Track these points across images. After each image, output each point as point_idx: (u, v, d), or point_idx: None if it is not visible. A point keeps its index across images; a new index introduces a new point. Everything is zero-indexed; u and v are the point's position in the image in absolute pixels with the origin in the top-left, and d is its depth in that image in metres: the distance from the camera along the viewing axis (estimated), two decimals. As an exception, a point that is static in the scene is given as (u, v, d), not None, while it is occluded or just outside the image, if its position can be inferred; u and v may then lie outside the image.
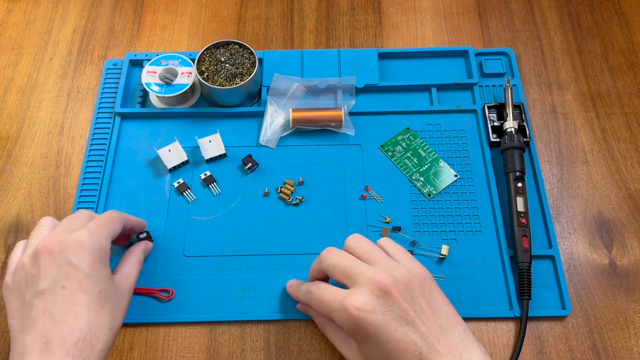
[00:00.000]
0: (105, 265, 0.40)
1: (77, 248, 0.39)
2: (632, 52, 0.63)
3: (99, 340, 0.37)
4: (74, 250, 0.39)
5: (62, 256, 0.38)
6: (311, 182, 0.54)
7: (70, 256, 0.38)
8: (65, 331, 0.36)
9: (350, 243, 0.42)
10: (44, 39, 0.65)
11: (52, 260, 0.38)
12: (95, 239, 0.40)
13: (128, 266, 0.44)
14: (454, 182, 0.54)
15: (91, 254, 0.39)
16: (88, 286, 0.38)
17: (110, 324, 0.39)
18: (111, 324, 0.39)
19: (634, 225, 0.52)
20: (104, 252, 0.40)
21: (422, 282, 0.40)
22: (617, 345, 0.47)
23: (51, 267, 0.38)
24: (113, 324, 0.39)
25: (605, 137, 0.57)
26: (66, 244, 0.39)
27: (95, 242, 0.40)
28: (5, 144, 0.58)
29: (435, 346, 0.37)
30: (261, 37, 0.65)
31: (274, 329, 0.48)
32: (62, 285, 0.38)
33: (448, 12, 0.66)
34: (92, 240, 0.40)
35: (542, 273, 0.50)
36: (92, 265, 0.39)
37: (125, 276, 0.43)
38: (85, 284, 0.38)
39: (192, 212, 0.53)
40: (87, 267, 0.38)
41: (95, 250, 0.39)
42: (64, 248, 0.39)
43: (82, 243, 0.39)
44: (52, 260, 0.38)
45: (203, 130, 0.57)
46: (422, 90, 0.60)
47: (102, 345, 0.38)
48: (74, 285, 0.38)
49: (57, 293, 0.37)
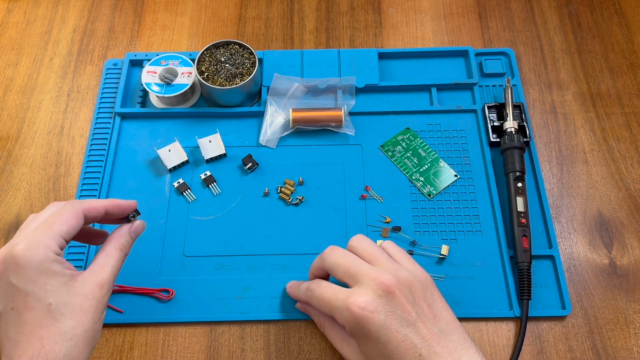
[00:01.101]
0: (51, 275, 0.37)
1: (14, 266, 0.36)
2: (632, 52, 0.63)
3: (56, 354, 0.35)
4: (12, 269, 0.36)
5: (4, 276, 0.36)
6: (311, 182, 0.54)
7: (10, 276, 0.36)
8: (20, 352, 0.35)
9: (353, 243, 0.42)
10: (44, 39, 0.65)
11: (1, 281, 0.36)
12: (31, 251, 0.36)
13: (103, 257, 0.40)
14: (454, 182, 0.54)
15: (28, 270, 0.36)
16: (33, 304, 0.36)
17: (69, 334, 0.36)
18: (71, 333, 0.36)
19: (634, 225, 0.52)
20: (47, 262, 0.36)
21: (423, 286, 0.40)
22: (617, 345, 0.47)
23: (1, 288, 0.36)
24: (75, 332, 0.36)
25: (605, 137, 0.57)
26: (6, 263, 0.36)
27: (30, 255, 0.36)
28: (5, 144, 0.58)
29: (435, 348, 0.37)
30: (261, 37, 0.65)
31: (274, 329, 0.48)
32: (11, 306, 0.36)
33: (448, 12, 0.66)
34: (28, 253, 0.36)
35: (542, 273, 0.50)
36: (31, 282, 0.36)
37: (96, 270, 0.39)
38: (29, 302, 0.36)
39: (192, 212, 0.53)
40: (27, 285, 0.36)
41: (33, 265, 0.36)
42: (5, 268, 0.36)
43: (17, 261, 0.36)
44: (0, 281, 0.36)
45: (203, 130, 0.57)
46: (422, 90, 0.60)
47: (64, 358, 0.36)
48: (19, 305, 0.36)
49: (9, 314, 0.36)
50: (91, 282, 0.38)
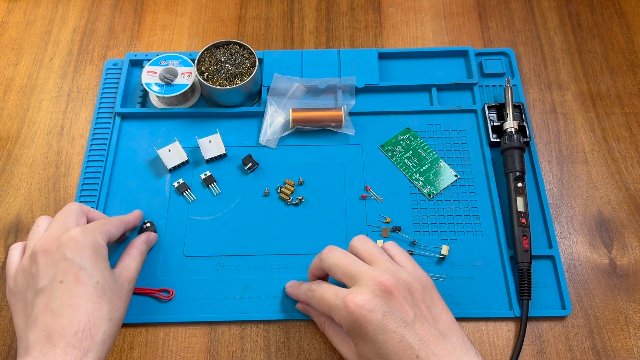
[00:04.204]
0: (101, 258, 0.41)
1: (72, 243, 0.40)
2: (632, 52, 0.63)
3: (98, 330, 0.38)
4: (69, 245, 0.40)
5: (58, 252, 0.40)
6: (311, 182, 0.54)
7: (66, 251, 0.40)
8: (64, 323, 0.37)
9: (354, 243, 0.42)
10: (44, 39, 0.65)
11: (50, 258, 0.40)
12: (89, 235, 0.41)
13: (128, 258, 0.45)
14: (454, 182, 0.54)
15: (86, 248, 0.41)
16: (84, 279, 0.39)
17: (109, 315, 0.40)
18: (110, 314, 0.40)
19: (634, 225, 0.52)
20: (99, 246, 0.42)
21: (423, 288, 0.40)
22: (617, 345, 0.47)
23: (49, 264, 0.40)
24: (113, 315, 0.40)
25: (605, 137, 0.57)
26: (62, 241, 0.41)
27: (88, 237, 0.41)
28: (5, 144, 0.58)
29: (434, 350, 0.37)
30: (261, 37, 0.65)
31: (274, 329, 0.48)
32: (60, 280, 0.39)
33: (448, 12, 0.66)
34: (86, 236, 0.41)
35: (542, 273, 0.50)
36: (87, 258, 0.40)
37: (125, 268, 0.44)
38: (81, 276, 0.39)
39: (192, 212, 0.53)
40: (83, 260, 0.40)
41: (90, 244, 0.41)
42: (60, 245, 0.40)
43: (77, 238, 0.41)
44: (49, 258, 0.40)
45: (203, 130, 0.57)
46: (422, 90, 0.60)
47: (103, 336, 0.39)
48: (70, 279, 0.39)
49: (56, 288, 0.39)
50: (123, 276, 0.43)
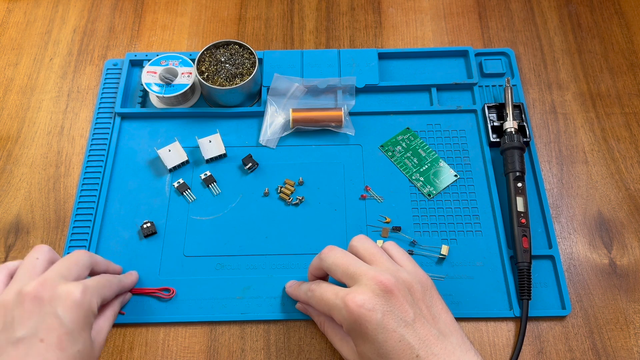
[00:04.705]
0: (89, 325, 0.38)
1: (67, 301, 0.36)
2: (632, 52, 0.63)
3: None
4: (64, 302, 0.36)
5: (50, 306, 0.36)
6: (311, 182, 0.54)
7: (58, 308, 0.36)
8: None
9: (354, 243, 0.42)
10: (44, 39, 0.65)
11: (39, 308, 0.36)
12: (87, 297, 0.38)
13: (102, 320, 0.42)
14: (454, 182, 0.54)
15: (80, 311, 0.37)
16: (67, 345, 0.35)
17: None
18: None
19: (634, 225, 0.52)
20: (91, 313, 0.38)
21: (423, 287, 0.40)
22: (617, 345, 0.47)
23: (35, 315, 0.36)
24: None
25: (605, 137, 0.57)
26: (57, 294, 0.36)
27: (86, 300, 0.37)
28: (5, 144, 0.58)
29: (433, 350, 0.37)
30: (261, 37, 0.65)
31: (274, 329, 0.48)
32: (41, 337, 0.35)
33: (448, 12, 0.66)
34: (84, 297, 0.37)
35: (542, 273, 0.50)
36: (77, 323, 0.36)
37: (98, 331, 0.41)
38: (64, 341, 0.35)
39: (192, 212, 0.53)
40: (72, 324, 0.36)
41: (85, 308, 0.37)
42: (54, 297, 0.36)
43: (74, 297, 0.37)
44: (38, 308, 0.36)
45: (203, 130, 0.57)
46: (422, 90, 0.60)
47: None
48: (52, 340, 0.35)
49: (33, 345, 0.35)
50: (97, 342, 0.40)
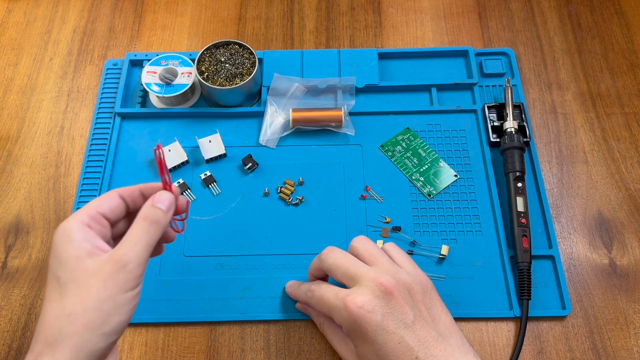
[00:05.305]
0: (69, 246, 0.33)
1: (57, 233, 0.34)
2: (632, 52, 0.63)
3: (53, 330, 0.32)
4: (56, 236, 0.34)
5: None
6: (311, 182, 0.54)
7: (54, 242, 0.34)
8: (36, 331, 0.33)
9: (355, 244, 0.42)
10: (44, 39, 0.65)
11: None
12: (67, 221, 0.34)
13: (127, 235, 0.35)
14: (454, 182, 0.54)
15: (56, 242, 0.34)
16: (49, 276, 0.34)
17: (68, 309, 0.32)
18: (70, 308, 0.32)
19: (634, 225, 0.52)
20: (70, 230, 0.34)
21: (423, 289, 0.40)
22: (617, 345, 0.47)
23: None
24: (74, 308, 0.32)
25: (605, 137, 0.57)
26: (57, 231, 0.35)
27: (63, 223, 0.34)
28: (5, 144, 0.58)
29: (433, 351, 0.36)
30: (261, 37, 0.65)
31: (274, 329, 0.48)
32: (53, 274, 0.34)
33: (448, 12, 0.66)
34: (63, 223, 0.34)
35: (542, 273, 0.50)
36: (53, 253, 0.34)
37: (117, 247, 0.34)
38: (48, 274, 0.34)
39: (192, 212, 0.53)
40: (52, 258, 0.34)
41: (60, 231, 0.34)
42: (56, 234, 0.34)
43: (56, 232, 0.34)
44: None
45: (203, 130, 0.57)
46: (422, 90, 0.60)
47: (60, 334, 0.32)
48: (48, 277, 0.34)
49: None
50: (106, 258, 0.33)
